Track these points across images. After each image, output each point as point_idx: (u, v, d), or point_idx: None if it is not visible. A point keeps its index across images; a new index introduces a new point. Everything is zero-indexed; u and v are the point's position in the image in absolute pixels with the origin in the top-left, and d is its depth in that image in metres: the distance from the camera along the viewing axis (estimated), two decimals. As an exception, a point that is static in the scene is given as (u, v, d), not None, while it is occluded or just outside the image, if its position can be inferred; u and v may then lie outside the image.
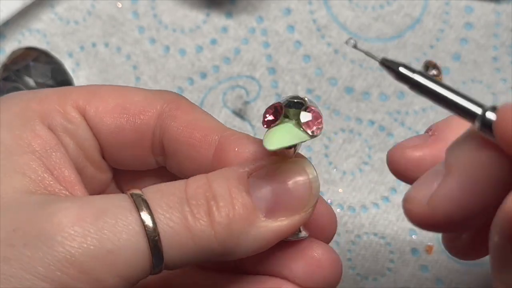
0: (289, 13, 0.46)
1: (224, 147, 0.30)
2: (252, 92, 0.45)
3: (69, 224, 0.25)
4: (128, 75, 0.46)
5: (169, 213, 0.27)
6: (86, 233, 0.25)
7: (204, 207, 0.27)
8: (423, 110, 0.45)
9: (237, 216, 0.28)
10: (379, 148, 0.45)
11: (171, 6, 0.46)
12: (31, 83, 0.43)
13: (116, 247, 0.26)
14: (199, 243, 0.27)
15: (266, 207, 0.28)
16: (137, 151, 0.31)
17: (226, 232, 0.27)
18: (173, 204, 0.27)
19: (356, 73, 0.45)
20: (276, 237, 0.29)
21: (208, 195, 0.28)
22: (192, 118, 0.31)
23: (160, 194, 0.27)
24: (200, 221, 0.27)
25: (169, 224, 0.27)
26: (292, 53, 0.46)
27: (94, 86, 0.32)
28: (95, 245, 0.25)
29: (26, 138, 0.29)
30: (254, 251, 0.29)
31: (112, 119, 0.31)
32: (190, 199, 0.27)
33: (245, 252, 0.28)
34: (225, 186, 0.28)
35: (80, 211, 0.26)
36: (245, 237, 0.28)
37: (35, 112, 0.29)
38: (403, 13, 0.46)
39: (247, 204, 0.28)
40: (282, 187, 0.29)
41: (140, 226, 0.26)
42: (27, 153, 0.28)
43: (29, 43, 0.46)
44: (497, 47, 0.46)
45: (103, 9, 0.46)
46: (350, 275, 0.43)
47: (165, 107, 0.31)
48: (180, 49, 0.46)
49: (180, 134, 0.31)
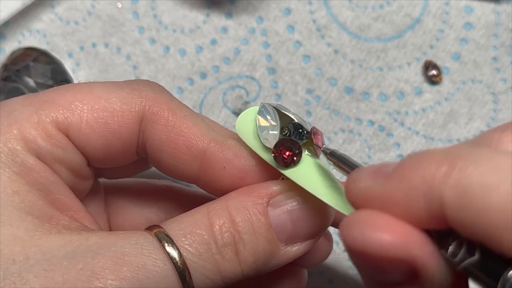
0: (289, 13, 0.46)
1: (211, 163, 0.30)
2: (252, 92, 0.45)
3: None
4: (128, 75, 0.46)
5: (201, 260, 0.27)
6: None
7: (232, 247, 0.28)
8: (423, 110, 0.45)
9: (262, 251, 0.28)
10: (378, 149, 0.45)
11: (171, 6, 0.46)
12: (31, 83, 0.43)
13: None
14: (227, 280, 0.28)
15: (286, 237, 0.29)
16: (123, 155, 0.31)
17: (251, 268, 0.28)
18: (203, 248, 0.27)
19: (356, 73, 0.45)
20: (291, 261, 0.30)
21: (235, 234, 0.28)
22: (174, 123, 0.30)
23: (189, 238, 0.27)
24: (229, 262, 0.28)
25: (201, 271, 0.27)
26: (292, 53, 0.46)
27: (68, 95, 0.30)
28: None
29: (21, 175, 0.27)
30: (269, 271, 0.30)
31: (98, 137, 0.29)
32: (217, 239, 0.28)
33: (262, 273, 0.29)
34: (249, 222, 0.28)
35: (118, 271, 0.26)
36: (266, 267, 0.29)
37: (19, 141, 0.28)
38: (403, 13, 0.46)
39: (270, 239, 0.29)
40: (301, 215, 0.29)
41: (176, 276, 0.27)
42: (29, 191, 0.27)
43: (29, 43, 0.46)
44: (497, 47, 0.46)
45: (103, 9, 0.46)
46: (350, 275, 0.43)
47: (146, 108, 0.30)
48: (180, 49, 0.46)
49: (164, 144, 0.30)
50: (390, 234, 0.23)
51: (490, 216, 0.21)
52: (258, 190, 0.29)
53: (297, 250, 0.29)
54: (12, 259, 0.25)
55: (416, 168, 0.23)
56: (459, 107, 0.45)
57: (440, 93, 0.45)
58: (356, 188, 0.25)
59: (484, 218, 0.21)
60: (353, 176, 0.25)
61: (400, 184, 0.23)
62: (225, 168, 0.30)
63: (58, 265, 0.25)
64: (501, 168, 0.21)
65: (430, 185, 0.22)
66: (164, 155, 0.30)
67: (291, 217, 0.29)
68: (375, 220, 0.24)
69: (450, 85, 0.45)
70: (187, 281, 0.27)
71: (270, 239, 0.29)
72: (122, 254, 0.26)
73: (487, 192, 0.21)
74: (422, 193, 0.23)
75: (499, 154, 0.22)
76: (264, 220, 0.28)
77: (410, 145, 0.45)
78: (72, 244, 0.26)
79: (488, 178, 0.21)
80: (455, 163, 0.22)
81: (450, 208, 0.22)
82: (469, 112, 0.45)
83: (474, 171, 0.22)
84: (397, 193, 0.23)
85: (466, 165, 0.22)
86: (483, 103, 0.45)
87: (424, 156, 0.23)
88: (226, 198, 0.29)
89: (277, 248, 0.29)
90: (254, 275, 0.29)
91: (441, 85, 0.45)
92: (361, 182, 0.25)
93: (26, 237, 0.26)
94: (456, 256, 0.23)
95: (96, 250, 0.26)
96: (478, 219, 0.21)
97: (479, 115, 0.45)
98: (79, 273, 0.25)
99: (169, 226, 0.28)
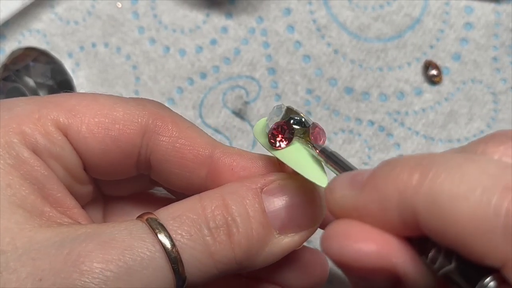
0: (289, 13, 0.46)
1: (218, 167, 0.30)
2: (252, 92, 0.45)
3: (97, 271, 0.25)
4: (128, 75, 0.46)
5: (191, 241, 0.27)
6: (116, 277, 0.25)
7: (224, 229, 0.27)
8: (423, 110, 0.45)
9: (256, 236, 0.28)
10: (378, 149, 0.45)
11: (171, 6, 0.46)
12: (31, 83, 0.43)
13: (145, 281, 0.26)
14: (220, 266, 0.27)
15: (280, 224, 0.29)
16: (121, 167, 0.31)
17: (245, 253, 0.28)
18: (193, 229, 0.27)
19: (356, 74, 0.45)
20: (285, 253, 0.29)
21: (227, 217, 0.28)
22: (179, 134, 0.30)
23: (179, 220, 0.27)
24: (221, 245, 0.27)
25: (192, 253, 0.27)
26: (292, 53, 0.46)
27: (73, 100, 0.30)
28: (126, 285, 0.25)
29: (15, 167, 0.27)
30: (263, 265, 0.29)
31: (96, 142, 0.29)
32: (210, 222, 0.27)
33: (256, 267, 0.29)
34: (243, 205, 0.28)
35: (104, 253, 0.25)
36: (260, 255, 0.28)
37: (16, 135, 0.28)
38: (403, 13, 0.46)
39: (264, 223, 0.28)
40: (295, 203, 0.29)
41: (166, 259, 0.26)
42: (22, 185, 0.27)
43: (29, 43, 0.46)
44: (497, 47, 0.45)
45: (103, 9, 0.46)
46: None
47: (150, 122, 0.30)
48: (180, 49, 0.46)
49: (170, 154, 0.30)
50: (368, 244, 0.23)
51: (461, 226, 0.21)
52: (253, 178, 0.29)
53: (291, 240, 0.29)
54: (1, 249, 0.25)
55: (388, 177, 0.23)
56: (459, 107, 0.45)
57: (440, 93, 0.45)
58: (333, 199, 0.25)
59: (455, 228, 0.21)
60: (330, 186, 0.26)
61: (373, 194, 0.23)
62: (233, 170, 0.30)
63: (45, 253, 0.25)
64: (472, 177, 0.21)
65: (402, 194, 0.22)
66: (171, 166, 0.30)
67: (285, 205, 0.29)
68: (352, 231, 0.24)
69: (450, 85, 0.45)
70: (177, 265, 0.26)
71: (264, 224, 0.28)
72: (110, 239, 0.26)
73: (457, 202, 0.21)
74: (395, 202, 0.23)
75: (470, 162, 0.22)
76: (258, 204, 0.28)
77: (410, 145, 0.45)
78: (61, 235, 0.26)
79: (459, 187, 0.21)
80: (427, 171, 0.22)
81: (422, 218, 0.22)
82: (469, 112, 0.45)
83: (445, 179, 0.22)
84: (371, 203, 0.23)
85: (437, 173, 0.22)
86: (483, 103, 0.45)
87: (396, 163, 0.23)
88: (220, 187, 0.29)
89: (271, 233, 0.28)
90: (248, 264, 0.28)
91: (441, 85, 0.45)
92: (337, 192, 0.25)
93: (16, 229, 0.26)
94: (435, 263, 0.23)
95: (84, 237, 0.26)
96: (450, 229, 0.21)
97: (479, 115, 0.45)
98: (66, 258, 0.25)
99: (159, 212, 0.27)
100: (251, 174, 0.30)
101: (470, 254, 0.21)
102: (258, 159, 0.30)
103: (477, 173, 0.21)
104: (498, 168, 0.22)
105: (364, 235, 0.23)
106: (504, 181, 0.21)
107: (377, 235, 0.23)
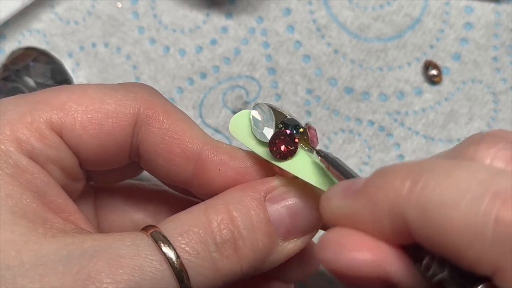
0: (289, 13, 0.46)
1: (206, 165, 0.30)
2: (252, 92, 0.45)
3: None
4: (128, 75, 0.46)
5: (199, 259, 0.27)
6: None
7: (231, 244, 0.27)
8: (423, 110, 0.45)
9: (261, 247, 0.28)
10: (378, 149, 0.45)
11: (171, 6, 0.46)
12: (31, 83, 0.43)
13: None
14: (226, 278, 0.28)
15: (284, 231, 0.29)
16: (115, 158, 0.31)
17: (251, 264, 0.28)
18: (200, 247, 0.27)
19: (356, 74, 0.45)
20: (288, 257, 0.29)
21: (234, 230, 0.28)
22: (169, 126, 0.30)
23: (186, 237, 0.27)
24: (228, 259, 0.27)
25: (199, 270, 0.27)
26: (292, 53, 0.46)
27: (62, 95, 0.29)
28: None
29: (14, 177, 0.27)
30: (266, 270, 0.29)
31: (91, 138, 0.29)
32: (216, 237, 0.27)
33: (259, 273, 0.29)
34: (248, 217, 0.28)
35: (114, 274, 0.25)
36: (265, 263, 0.29)
37: (12, 142, 0.28)
38: (403, 13, 0.46)
39: (269, 233, 0.28)
40: (298, 209, 0.29)
41: (173, 277, 0.26)
42: (22, 194, 0.27)
43: (29, 43, 0.46)
44: (497, 47, 0.45)
45: (103, 9, 0.46)
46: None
47: (141, 111, 0.30)
48: (180, 49, 0.46)
49: (158, 147, 0.30)
50: (362, 253, 0.23)
51: (451, 234, 0.21)
52: (255, 186, 0.29)
53: (293, 246, 0.29)
54: (7, 264, 0.25)
55: (380, 185, 0.23)
56: (459, 107, 0.45)
57: (440, 93, 0.45)
58: (329, 208, 0.25)
59: (446, 236, 0.21)
60: (326, 195, 0.26)
61: (366, 202, 0.23)
62: (220, 170, 0.29)
63: (53, 269, 0.25)
64: (462, 184, 0.21)
65: (394, 203, 0.22)
66: (158, 158, 0.30)
67: (289, 211, 0.29)
68: (347, 239, 0.24)
69: (450, 85, 0.45)
70: (184, 282, 0.26)
71: (269, 234, 0.28)
72: (118, 256, 0.26)
73: (447, 210, 0.21)
74: (387, 211, 0.23)
75: (460, 168, 0.22)
76: (263, 214, 0.28)
77: (410, 145, 0.45)
78: (67, 248, 0.26)
79: (448, 195, 0.21)
80: (418, 179, 0.22)
81: (413, 226, 0.22)
82: (469, 112, 0.45)
83: (435, 187, 0.21)
84: (364, 211, 0.23)
85: (427, 181, 0.22)
86: (483, 103, 0.45)
87: (389, 172, 0.23)
88: (223, 195, 0.29)
89: (276, 242, 0.29)
90: (252, 273, 0.29)
91: (441, 85, 0.45)
92: (332, 201, 0.25)
93: (21, 241, 0.25)
94: (429, 271, 0.23)
95: (92, 253, 0.26)
96: (440, 237, 0.21)
97: (479, 115, 0.45)
98: (75, 277, 0.25)
99: (165, 226, 0.27)
100: (238, 175, 0.30)
101: (461, 262, 0.21)
102: (247, 158, 0.30)
103: (467, 180, 0.21)
104: (487, 174, 0.21)
105: (358, 243, 0.24)
106: (493, 188, 0.21)
107: (371, 243, 0.23)
